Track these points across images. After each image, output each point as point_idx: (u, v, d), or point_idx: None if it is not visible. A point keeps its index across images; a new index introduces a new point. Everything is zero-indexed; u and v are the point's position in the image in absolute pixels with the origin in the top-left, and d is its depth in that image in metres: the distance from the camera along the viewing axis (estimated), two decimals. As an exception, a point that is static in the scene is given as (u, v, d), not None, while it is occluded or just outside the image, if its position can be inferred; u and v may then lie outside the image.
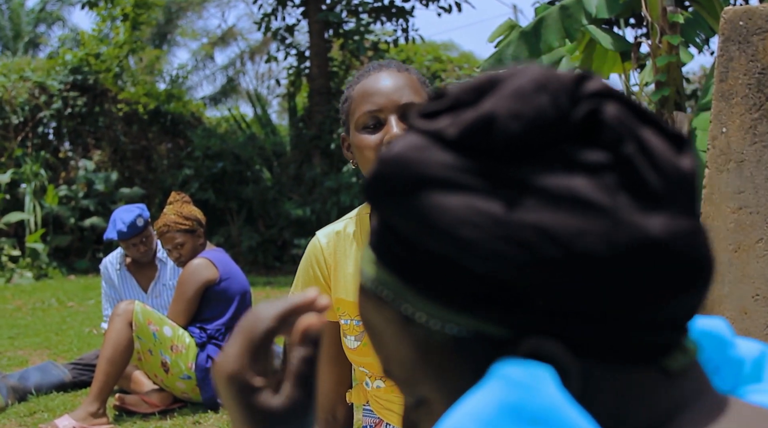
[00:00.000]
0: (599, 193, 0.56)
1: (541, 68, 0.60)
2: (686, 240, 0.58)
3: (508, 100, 0.58)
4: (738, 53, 3.30)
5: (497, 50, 4.66)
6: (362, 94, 1.80)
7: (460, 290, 0.58)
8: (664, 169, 0.58)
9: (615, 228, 0.56)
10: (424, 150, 0.59)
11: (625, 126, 0.58)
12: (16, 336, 6.44)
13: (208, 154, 12.53)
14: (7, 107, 12.30)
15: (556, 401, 0.55)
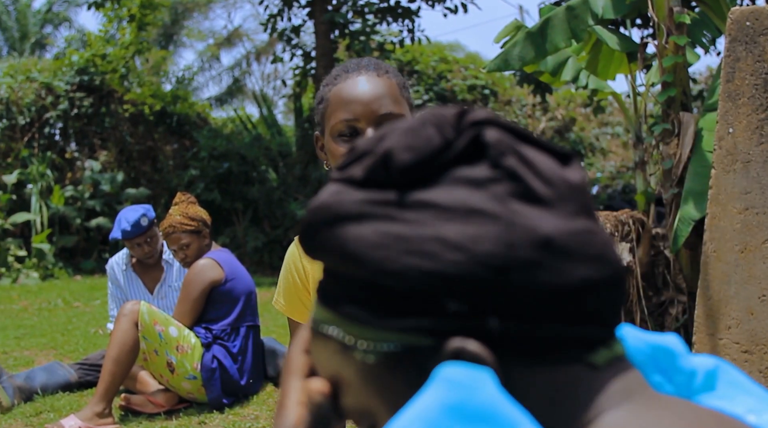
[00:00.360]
0: (489, 201, 0.63)
1: (430, 109, 0.69)
2: (581, 239, 0.64)
3: (401, 136, 0.67)
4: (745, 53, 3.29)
5: (503, 51, 4.65)
6: (339, 100, 1.73)
7: (383, 308, 0.65)
8: (549, 178, 0.65)
9: (509, 230, 0.62)
10: (339, 194, 0.68)
11: (506, 144, 0.66)
12: (23, 337, 6.45)
13: (213, 155, 12.54)
14: (13, 108, 12.32)
15: (495, 399, 0.59)
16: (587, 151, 17.77)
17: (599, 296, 0.64)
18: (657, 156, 4.74)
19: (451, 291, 0.62)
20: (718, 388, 0.72)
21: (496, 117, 0.68)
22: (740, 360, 3.35)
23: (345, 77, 1.75)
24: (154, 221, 4.78)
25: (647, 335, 0.73)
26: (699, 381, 0.73)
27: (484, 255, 0.61)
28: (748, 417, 0.68)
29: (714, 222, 3.42)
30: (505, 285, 0.62)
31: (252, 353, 4.49)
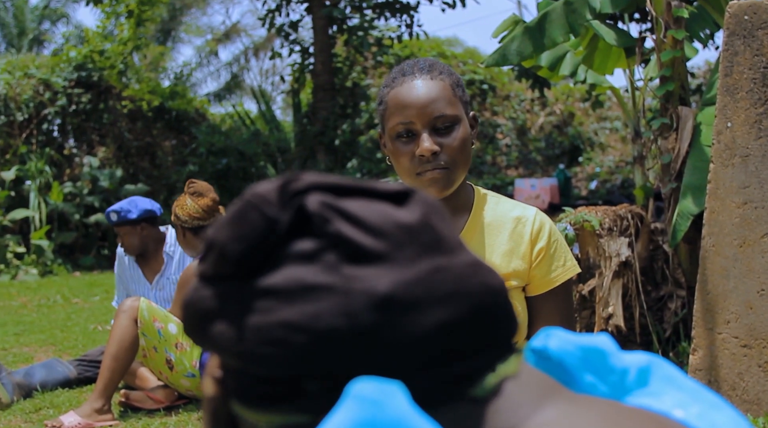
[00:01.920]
0: (321, 274, 0.62)
1: (251, 190, 0.69)
2: (426, 284, 0.63)
3: (227, 228, 0.67)
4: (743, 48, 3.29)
5: (501, 45, 4.64)
6: (396, 103, 1.85)
7: (256, 393, 0.66)
8: (378, 230, 0.63)
9: (346, 299, 0.62)
10: (197, 291, 0.69)
11: (328, 207, 0.65)
12: (22, 333, 6.45)
13: (212, 151, 12.54)
14: (11, 104, 12.31)
15: (406, 414, 0.59)
16: (586, 145, 17.77)
17: (465, 331, 0.64)
18: (655, 150, 4.73)
19: (307, 373, 0.63)
20: (650, 385, 0.73)
21: (317, 180, 0.67)
22: (739, 354, 3.35)
23: (401, 80, 1.87)
24: (126, 222, 4.79)
25: (577, 337, 0.74)
26: (631, 378, 0.73)
27: (326, 330, 0.61)
28: (674, 412, 0.69)
29: (713, 216, 3.42)
30: (356, 353, 0.62)
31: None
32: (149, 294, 4.89)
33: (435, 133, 1.83)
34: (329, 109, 12.87)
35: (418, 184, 1.84)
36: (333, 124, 12.80)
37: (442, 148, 1.83)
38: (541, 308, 1.95)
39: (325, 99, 12.92)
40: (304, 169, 12.73)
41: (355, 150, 12.84)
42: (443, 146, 1.83)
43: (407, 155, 1.84)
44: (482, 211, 1.97)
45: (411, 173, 1.85)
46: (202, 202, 4.44)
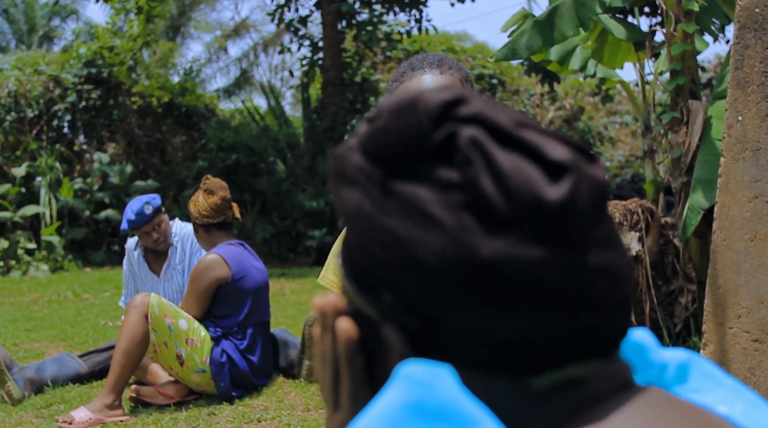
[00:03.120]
0: (442, 208, 0.62)
1: (425, 91, 0.67)
2: (528, 268, 0.60)
3: (387, 117, 0.67)
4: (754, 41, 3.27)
5: (510, 40, 4.63)
6: None
7: (353, 271, 0.69)
8: (514, 195, 0.61)
9: (450, 245, 0.61)
10: (350, 151, 0.69)
11: (478, 149, 0.62)
12: (33, 329, 6.47)
13: (221, 146, 12.55)
14: (22, 101, 12.35)
15: (455, 396, 0.59)
16: (596, 140, 17.72)
17: (535, 327, 0.62)
18: (666, 145, 4.72)
19: (385, 282, 0.65)
20: (689, 381, 0.72)
21: (485, 113, 0.64)
22: (750, 349, 3.34)
23: (411, 75, 1.85)
24: (160, 208, 4.80)
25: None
26: (671, 374, 0.72)
27: (418, 261, 0.62)
28: (718, 408, 0.68)
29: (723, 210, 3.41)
30: (435, 293, 0.62)
31: (261, 350, 4.48)
32: (158, 286, 4.90)
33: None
34: (338, 105, 12.87)
35: None
36: (342, 120, 12.80)
37: None
38: None
39: (335, 94, 12.91)
40: (313, 165, 12.75)
41: (364, 145, 12.83)
42: None
43: None
44: None
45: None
46: (211, 200, 4.46)
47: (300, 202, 12.07)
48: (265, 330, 4.56)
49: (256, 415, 4.02)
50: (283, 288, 8.68)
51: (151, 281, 4.93)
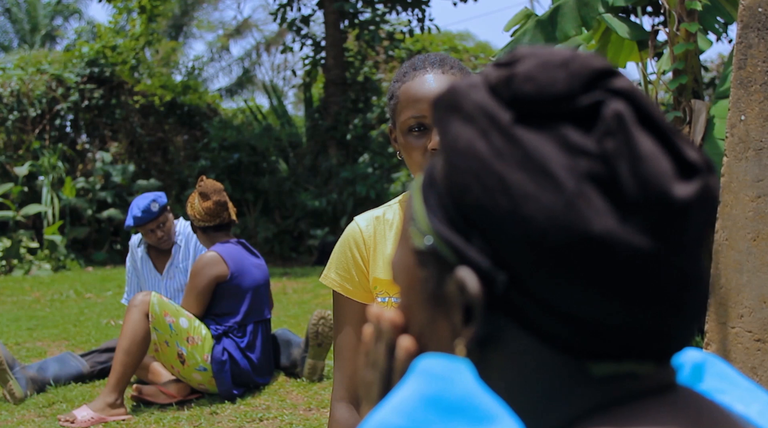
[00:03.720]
0: (566, 171, 0.61)
1: (582, 53, 0.66)
2: (633, 255, 0.60)
3: (534, 66, 0.65)
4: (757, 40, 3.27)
5: (513, 39, 4.63)
6: (407, 97, 1.86)
7: (435, 205, 0.67)
8: (642, 181, 0.60)
9: (563, 209, 0.60)
10: (473, 87, 0.68)
11: (621, 126, 0.61)
12: (35, 328, 6.48)
13: (224, 146, 12.55)
14: (24, 100, 12.35)
15: (473, 391, 0.60)
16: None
17: (618, 316, 0.61)
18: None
19: (481, 228, 0.63)
20: (705, 380, 0.72)
21: (636, 92, 0.64)
22: (753, 348, 3.34)
23: (413, 75, 1.88)
24: (165, 207, 4.81)
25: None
26: (686, 373, 0.72)
27: (525, 216, 0.61)
28: (736, 406, 0.68)
29: (726, 210, 3.40)
30: (525, 252, 0.61)
31: (261, 347, 4.49)
32: (160, 284, 4.92)
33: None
34: (341, 104, 12.87)
35: None
36: (344, 119, 12.80)
37: None
38: None
39: (337, 93, 12.91)
40: (315, 164, 12.74)
41: (366, 144, 12.83)
42: None
43: (419, 149, 1.84)
44: None
45: (423, 168, 1.82)
46: (205, 204, 4.47)
47: (302, 201, 12.06)
48: (265, 328, 4.56)
49: (258, 414, 4.02)
50: (285, 288, 8.68)
51: (154, 279, 4.95)
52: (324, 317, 4.60)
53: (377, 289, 1.97)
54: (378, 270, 1.98)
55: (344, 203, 11.94)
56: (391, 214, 2.02)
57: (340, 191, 12.05)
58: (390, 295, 1.95)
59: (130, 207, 4.80)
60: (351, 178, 11.93)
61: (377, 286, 1.97)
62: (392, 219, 2.01)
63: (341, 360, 2.01)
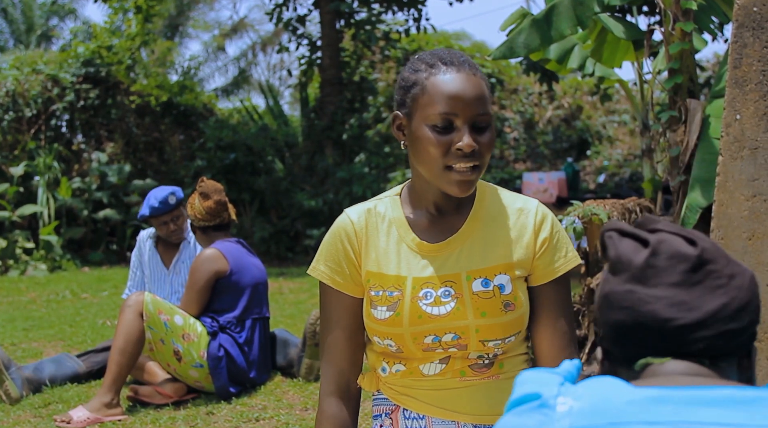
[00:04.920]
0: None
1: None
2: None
3: (622, 245, 1.22)
4: (752, 40, 3.27)
5: (508, 38, 4.63)
6: (439, 92, 1.82)
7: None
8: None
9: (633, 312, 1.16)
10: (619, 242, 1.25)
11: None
12: (31, 328, 6.47)
13: (220, 146, 12.54)
14: (20, 100, 12.33)
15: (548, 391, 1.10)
16: (594, 139, 17.73)
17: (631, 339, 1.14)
18: (664, 143, 4.72)
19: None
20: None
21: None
22: (748, 347, 3.34)
23: (444, 70, 1.84)
24: (181, 201, 4.86)
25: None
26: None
27: (613, 321, 1.16)
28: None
29: (721, 209, 3.40)
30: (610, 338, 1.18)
31: (259, 344, 4.49)
32: (166, 279, 4.95)
33: (473, 130, 1.83)
34: (337, 104, 12.86)
35: (443, 177, 1.83)
36: (341, 119, 12.79)
37: (479, 146, 1.83)
38: (544, 298, 1.96)
39: (333, 93, 12.91)
40: (311, 164, 12.74)
41: (362, 144, 12.83)
42: (479, 144, 1.83)
43: (440, 146, 1.81)
44: (485, 202, 1.98)
45: (438, 164, 1.83)
46: (206, 204, 4.50)
47: (298, 201, 12.06)
48: (264, 326, 4.57)
49: (255, 414, 4.02)
50: (281, 288, 8.67)
51: (160, 273, 4.98)
52: (321, 317, 4.60)
53: (370, 283, 1.95)
54: (371, 264, 1.95)
55: (340, 203, 11.93)
56: (383, 208, 1.99)
57: (337, 191, 12.05)
58: (384, 289, 1.92)
59: (147, 197, 4.86)
60: (347, 178, 11.93)
61: (370, 279, 1.95)
62: (384, 213, 1.98)
63: (330, 354, 1.99)
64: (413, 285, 1.91)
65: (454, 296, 1.89)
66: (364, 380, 2.02)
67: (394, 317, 1.89)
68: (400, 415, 1.98)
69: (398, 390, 1.97)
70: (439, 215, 1.96)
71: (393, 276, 1.93)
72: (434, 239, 1.95)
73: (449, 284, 1.90)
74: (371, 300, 1.94)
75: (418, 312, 1.89)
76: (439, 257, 1.93)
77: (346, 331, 1.97)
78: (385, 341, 1.93)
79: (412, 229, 1.96)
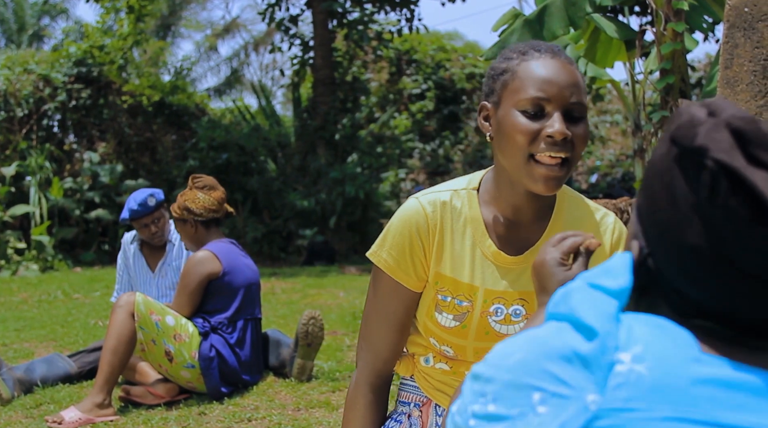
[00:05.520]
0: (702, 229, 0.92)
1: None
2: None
3: (697, 129, 0.98)
4: (743, 40, 3.28)
5: (500, 38, 4.64)
6: (533, 76, 1.69)
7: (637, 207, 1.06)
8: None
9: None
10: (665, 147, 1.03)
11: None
12: (22, 329, 6.45)
13: (212, 146, 12.53)
14: (11, 100, 12.30)
15: (619, 266, 0.96)
16: (586, 139, 17.75)
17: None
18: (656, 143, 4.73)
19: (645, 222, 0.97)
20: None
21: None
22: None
23: (537, 56, 1.72)
24: (162, 203, 4.83)
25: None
26: None
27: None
28: None
29: (713, 209, 3.40)
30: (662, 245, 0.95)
31: (251, 345, 4.48)
32: (152, 282, 4.92)
33: (567, 119, 1.68)
34: (329, 104, 12.86)
35: (528, 170, 1.68)
36: (333, 119, 12.79)
37: (572, 136, 1.68)
38: None
39: (325, 93, 12.90)
40: (304, 164, 12.73)
41: (355, 144, 12.83)
42: (574, 135, 1.68)
43: (528, 133, 1.66)
44: (563, 213, 1.85)
45: (523, 152, 1.68)
46: (215, 194, 4.52)
47: (291, 201, 12.05)
48: (256, 326, 4.56)
49: (247, 414, 4.02)
50: (273, 288, 8.66)
51: (146, 276, 4.95)
52: (314, 317, 4.59)
53: (439, 285, 1.82)
54: (443, 266, 1.82)
55: (333, 203, 11.93)
56: (459, 202, 1.83)
57: (329, 191, 12.05)
58: (454, 296, 1.81)
59: (127, 200, 4.83)
60: (340, 178, 11.93)
61: (439, 282, 1.82)
62: (460, 208, 1.82)
63: (374, 343, 1.88)
64: (485, 298, 1.80)
65: (524, 316, 1.80)
66: (400, 365, 1.95)
67: (460, 328, 1.81)
68: (432, 410, 1.93)
69: (434, 384, 1.91)
70: (516, 220, 1.81)
71: (466, 285, 1.80)
72: (511, 250, 1.81)
73: (521, 302, 1.80)
74: (437, 304, 1.83)
75: (486, 329, 1.80)
76: (515, 270, 1.81)
77: (397, 322, 1.86)
78: (443, 347, 1.85)
79: (489, 234, 1.81)
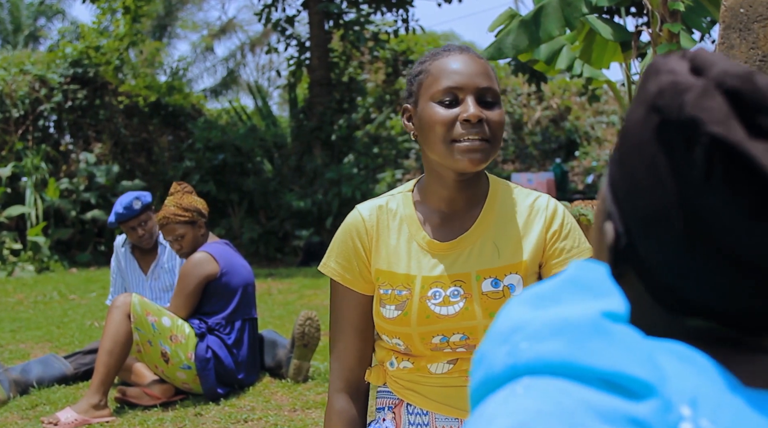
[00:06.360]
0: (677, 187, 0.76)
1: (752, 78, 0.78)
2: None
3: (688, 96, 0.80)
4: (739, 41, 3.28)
5: (497, 39, 4.64)
6: (444, 69, 1.84)
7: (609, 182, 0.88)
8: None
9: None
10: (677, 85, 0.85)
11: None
12: (18, 330, 6.44)
13: (209, 146, 12.52)
14: (7, 100, 12.28)
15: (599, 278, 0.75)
16: (582, 140, 17.76)
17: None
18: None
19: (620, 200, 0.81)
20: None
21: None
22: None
23: (447, 54, 1.89)
24: (148, 205, 4.82)
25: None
26: None
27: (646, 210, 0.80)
28: None
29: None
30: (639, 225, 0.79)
31: (248, 345, 4.49)
32: (145, 285, 4.91)
33: (481, 104, 1.82)
34: (325, 104, 12.86)
35: (450, 153, 1.80)
36: (329, 119, 12.79)
37: (487, 119, 1.80)
38: None
39: (322, 94, 12.90)
40: (300, 165, 12.73)
41: (351, 145, 12.83)
42: (488, 118, 1.81)
43: (445, 120, 1.80)
44: (496, 200, 1.95)
45: (446, 140, 1.80)
46: (200, 198, 4.59)
47: (287, 201, 12.05)
48: (252, 327, 4.56)
49: (243, 415, 4.02)
50: (270, 289, 8.66)
51: (139, 279, 4.94)
52: (311, 318, 4.59)
53: (380, 281, 1.92)
54: (380, 262, 1.93)
55: (329, 204, 11.93)
56: (395, 204, 1.96)
57: (325, 192, 12.05)
58: (393, 287, 1.90)
59: (114, 204, 4.82)
60: (336, 179, 11.93)
61: (380, 277, 1.92)
62: (395, 209, 1.95)
63: (339, 351, 1.97)
64: (422, 284, 1.88)
65: (463, 296, 1.87)
66: (371, 374, 2.00)
67: (402, 316, 1.88)
68: (403, 410, 1.97)
69: (403, 384, 1.95)
70: (450, 212, 1.93)
71: (402, 275, 1.90)
72: (445, 237, 1.92)
73: (459, 284, 1.88)
74: (380, 299, 1.92)
75: (426, 312, 1.87)
76: (450, 256, 1.90)
77: (356, 328, 1.95)
78: (394, 340, 1.91)
79: (423, 227, 1.93)
